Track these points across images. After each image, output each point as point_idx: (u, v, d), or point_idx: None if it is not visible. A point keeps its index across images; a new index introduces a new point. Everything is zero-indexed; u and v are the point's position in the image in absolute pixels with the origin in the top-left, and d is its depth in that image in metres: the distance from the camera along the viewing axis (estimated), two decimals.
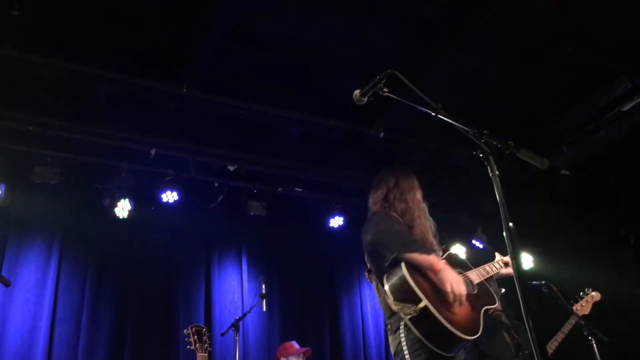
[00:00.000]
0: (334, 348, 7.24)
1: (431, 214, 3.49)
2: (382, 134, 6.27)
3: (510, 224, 1.95)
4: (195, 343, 4.46)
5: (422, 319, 2.80)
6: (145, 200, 6.42)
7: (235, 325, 5.40)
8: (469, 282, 3.20)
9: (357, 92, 2.77)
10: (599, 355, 4.68)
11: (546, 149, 6.52)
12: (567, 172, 6.84)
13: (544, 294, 5.01)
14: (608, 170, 6.98)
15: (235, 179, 6.59)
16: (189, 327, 4.56)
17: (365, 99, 2.77)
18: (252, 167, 6.60)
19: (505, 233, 1.97)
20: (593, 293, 5.17)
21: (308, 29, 5.23)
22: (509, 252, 2.03)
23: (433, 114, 2.41)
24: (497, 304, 3.23)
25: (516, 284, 1.93)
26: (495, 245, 7.72)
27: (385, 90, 2.65)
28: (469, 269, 3.34)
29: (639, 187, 6.93)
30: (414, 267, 2.96)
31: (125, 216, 6.14)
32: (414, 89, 2.42)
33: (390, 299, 2.92)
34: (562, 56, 5.53)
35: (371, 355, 7.47)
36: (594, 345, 4.74)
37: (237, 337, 5.39)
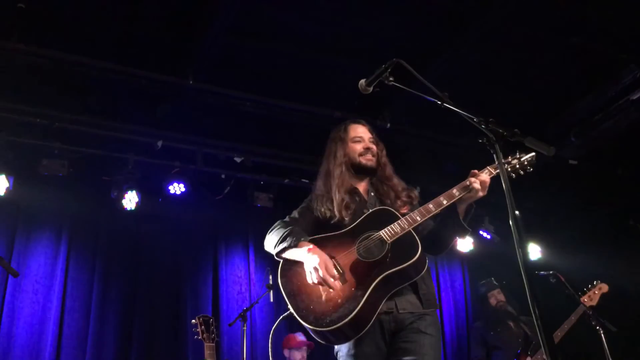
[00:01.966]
0: None
1: None
2: (388, 125, 6.26)
3: (517, 212, 1.94)
4: (202, 333, 4.47)
5: (296, 319, 2.72)
6: (152, 192, 6.43)
7: (242, 316, 5.41)
8: (378, 244, 2.76)
9: (362, 81, 2.77)
10: (607, 345, 4.68)
11: (554, 139, 6.48)
12: (575, 162, 6.80)
13: (552, 284, 5.02)
14: (616, 160, 6.94)
15: (242, 170, 6.59)
16: (197, 318, 4.58)
17: (371, 89, 2.76)
18: (259, 159, 6.60)
19: (511, 221, 1.95)
20: (601, 285, 5.18)
21: (313, 20, 5.21)
22: (515, 241, 2.01)
23: (439, 102, 2.40)
24: (413, 260, 2.66)
25: (522, 273, 1.91)
26: (503, 235, 7.71)
27: (391, 79, 2.65)
28: (393, 220, 2.81)
29: None
30: (293, 264, 2.87)
31: (133, 208, 6.16)
32: (420, 77, 2.41)
33: None
34: (569, 46, 5.49)
35: None
36: (602, 335, 4.73)
37: (245, 328, 5.40)
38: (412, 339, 2.71)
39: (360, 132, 3.17)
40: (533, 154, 3.07)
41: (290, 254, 2.85)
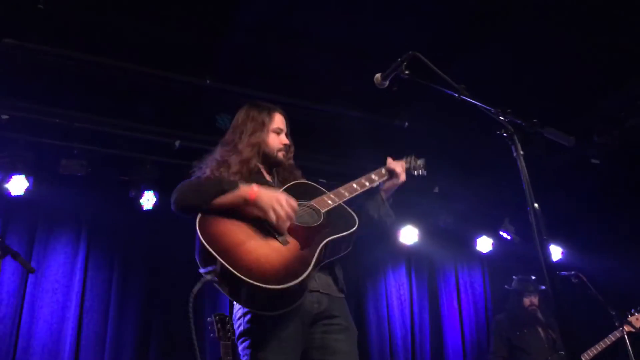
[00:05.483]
0: (359, 339, 7.18)
1: (459, 205, 3.26)
2: (406, 124, 6.21)
3: (536, 205, 1.89)
4: (218, 332, 4.46)
5: (226, 280, 2.38)
6: (170, 192, 6.41)
7: None
8: (311, 212, 2.71)
9: (378, 75, 2.75)
10: (630, 345, 4.59)
11: (577, 137, 6.34)
12: (597, 162, 6.68)
13: (573, 284, 4.93)
14: None
15: None
16: (213, 316, 4.57)
17: (387, 83, 2.74)
18: None
19: (531, 213, 1.91)
20: None
21: (334, 21, 5.16)
22: (535, 236, 1.95)
23: (456, 95, 2.36)
24: (354, 228, 2.69)
25: (544, 272, 1.87)
26: (524, 236, 7.61)
27: (407, 72, 2.62)
28: (321, 194, 2.82)
29: None
30: (223, 215, 2.55)
31: (151, 207, 6.20)
32: (436, 69, 2.37)
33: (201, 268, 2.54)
34: (594, 44, 5.38)
35: (397, 346, 7.43)
36: (625, 335, 4.65)
37: None
38: (341, 338, 2.71)
39: (282, 125, 3.12)
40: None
41: (231, 198, 2.57)
